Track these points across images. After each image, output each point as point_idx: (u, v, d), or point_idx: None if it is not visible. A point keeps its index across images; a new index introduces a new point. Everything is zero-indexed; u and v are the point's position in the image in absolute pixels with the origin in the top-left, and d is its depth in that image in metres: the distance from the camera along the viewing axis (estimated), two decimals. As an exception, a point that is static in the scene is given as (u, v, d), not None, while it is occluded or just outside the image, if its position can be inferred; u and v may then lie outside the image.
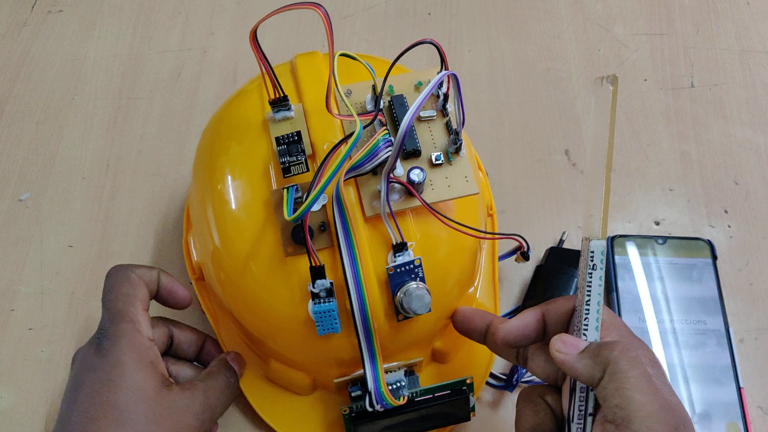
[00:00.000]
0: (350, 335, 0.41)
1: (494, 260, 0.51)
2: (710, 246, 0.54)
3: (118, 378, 0.38)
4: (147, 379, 0.38)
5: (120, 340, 0.39)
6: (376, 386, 0.41)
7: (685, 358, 0.49)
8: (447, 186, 0.41)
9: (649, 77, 0.63)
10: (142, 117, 0.61)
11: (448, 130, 0.42)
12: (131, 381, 0.38)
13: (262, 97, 0.44)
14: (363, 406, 0.42)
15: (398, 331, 0.42)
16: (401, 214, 0.41)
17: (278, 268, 0.41)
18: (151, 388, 0.38)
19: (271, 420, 0.47)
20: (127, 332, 0.39)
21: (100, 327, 0.40)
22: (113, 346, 0.39)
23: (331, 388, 0.46)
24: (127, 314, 0.40)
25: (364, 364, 0.40)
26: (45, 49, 0.64)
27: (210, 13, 0.67)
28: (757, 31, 0.66)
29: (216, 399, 0.42)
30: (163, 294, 0.43)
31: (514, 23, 0.66)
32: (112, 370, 0.38)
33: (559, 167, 0.59)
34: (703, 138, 0.60)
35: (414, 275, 0.40)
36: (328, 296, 0.39)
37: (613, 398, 0.33)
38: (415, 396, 0.43)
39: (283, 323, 0.42)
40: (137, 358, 0.39)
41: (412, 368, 0.44)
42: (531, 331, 0.39)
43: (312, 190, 0.37)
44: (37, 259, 0.54)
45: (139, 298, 0.41)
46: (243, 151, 0.43)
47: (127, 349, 0.39)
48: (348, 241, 0.39)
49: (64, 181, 0.57)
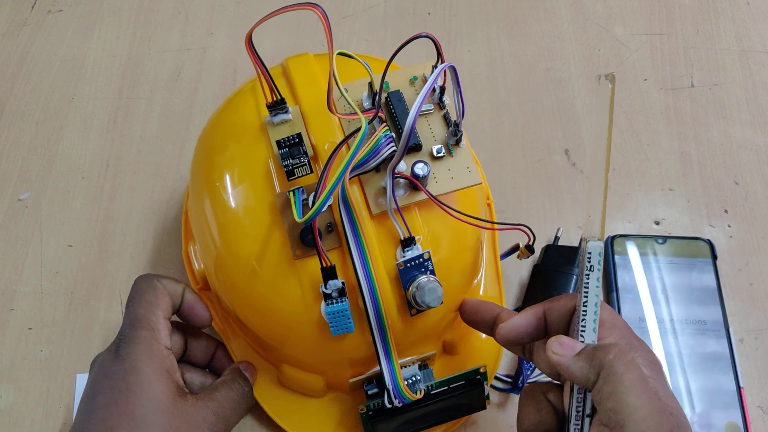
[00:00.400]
0: (364, 334, 0.41)
1: (495, 250, 0.52)
2: (710, 246, 0.54)
3: (135, 387, 0.38)
4: (164, 389, 0.38)
5: (138, 346, 0.39)
6: (394, 382, 0.41)
7: (684, 358, 0.49)
8: (450, 178, 0.42)
9: (649, 77, 0.63)
10: (142, 117, 0.61)
11: (446, 122, 0.43)
12: (148, 390, 0.38)
13: (256, 99, 0.44)
14: (380, 404, 0.43)
15: (411, 325, 0.42)
16: (407, 209, 0.41)
17: (287, 272, 0.41)
18: (167, 398, 0.38)
19: (287, 425, 0.47)
20: (145, 339, 0.39)
21: (120, 332, 0.40)
22: (130, 352, 0.39)
23: (345, 389, 0.46)
24: (147, 321, 0.40)
25: (380, 361, 0.41)
26: (45, 49, 0.64)
27: (210, 13, 0.67)
28: (757, 31, 0.66)
29: (231, 409, 0.42)
30: (185, 310, 0.43)
31: (514, 23, 0.66)
32: (129, 377, 0.38)
33: (558, 167, 0.59)
34: (703, 138, 0.60)
35: (424, 269, 0.41)
36: (340, 296, 0.39)
37: (607, 401, 0.33)
38: (431, 389, 0.44)
39: (296, 327, 0.42)
40: (154, 366, 0.39)
41: (426, 362, 0.45)
42: (532, 329, 0.39)
43: (321, 191, 0.37)
44: (37, 259, 0.54)
45: (162, 307, 0.41)
46: (242, 157, 0.43)
47: (145, 356, 0.39)
48: (357, 240, 0.39)
49: (63, 181, 0.57)
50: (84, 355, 0.50)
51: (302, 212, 0.38)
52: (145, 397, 0.37)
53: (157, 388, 0.38)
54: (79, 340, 0.51)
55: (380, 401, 0.43)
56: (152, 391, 0.38)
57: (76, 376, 0.49)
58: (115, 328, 0.51)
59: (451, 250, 0.43)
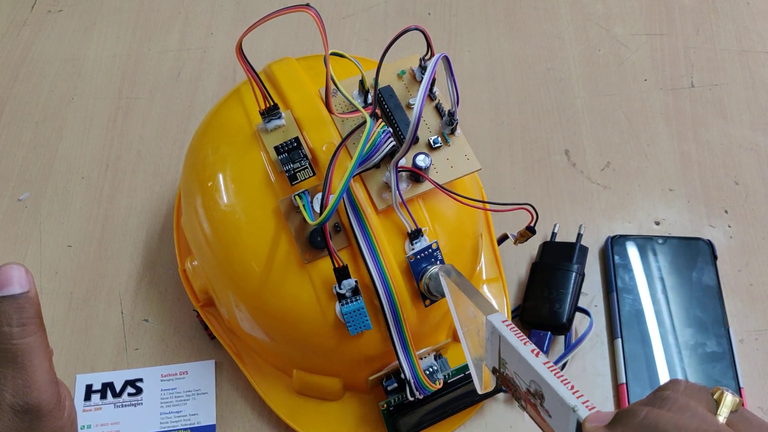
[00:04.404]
0: (380, 330, 0.42)
1: (491, 235, 0.53)
2: (710, 246, 0.54)
3: None
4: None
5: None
6: (414, 374, 0.41)
7: (684, 358, 0.49)
8: (450, 167, 0.42)
9: (649, 77, 0.63)
10: (142, 117, 0.61)
11: (439, 113, 0.43)
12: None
13: (243, 105, 0.44)
14: (401, 399, 0.43)
15: (425, 316, 0.43)
16: (411, 202, 0.42)
17: (298, 277, 0.41)
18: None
19: (310, 431, 0.47)
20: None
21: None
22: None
23: (362, 388, 0.46)
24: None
25: (398, 355, 0.41)
26: (45, 49, 0.64)
27: (209, 13, 0.67)
28: (757, 31, 0.66)
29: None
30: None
31: (514, 23, 0.66)
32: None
33: (558, 167, 0.58)
34: (703, 138, 0.60)
35: (434, 259, 0.41)
36: (354, 295, 0.40)
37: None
38: (448, 378, 0.45)
39: (314, 330, 0.42)
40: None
41: (440, 351, 0.45)
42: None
43: (329, 192, 0.37)
44: (36, 259, 0.54)
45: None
46: (238, 168, 0.43)
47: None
48: (366, 237, 0.40)
49: (63, 181, 0.57)
50: (84, 355, 0.50)
51: (313, 215, 0.39)
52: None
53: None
54: (78, 340, 0.51)
55: (400, 396, 0.43)
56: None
57: (75, 376, 0.49)
58: (114, 328, 0.51)
59: (455, 238, 0.44)
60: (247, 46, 0.38)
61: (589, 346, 0.51)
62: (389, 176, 0.40)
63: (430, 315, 0.43)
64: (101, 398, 0.49)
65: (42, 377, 0.32)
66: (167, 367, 0.50)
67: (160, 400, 0.49)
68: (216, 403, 0.48)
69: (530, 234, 0.47)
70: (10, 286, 0.31)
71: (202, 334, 0.51)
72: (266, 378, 0.48)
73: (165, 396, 0.49)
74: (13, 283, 0.31)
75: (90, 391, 0.49)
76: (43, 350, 0.32)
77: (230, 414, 0.49)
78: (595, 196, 0.57)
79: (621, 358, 0.49)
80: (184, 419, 0.48)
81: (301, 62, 0.46)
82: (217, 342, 0.49)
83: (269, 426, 0.48)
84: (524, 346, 0.31)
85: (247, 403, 0.49)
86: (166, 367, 0.50)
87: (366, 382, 0.45)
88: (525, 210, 0.44)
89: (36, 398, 0.31)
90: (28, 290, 0.32)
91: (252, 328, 0.45)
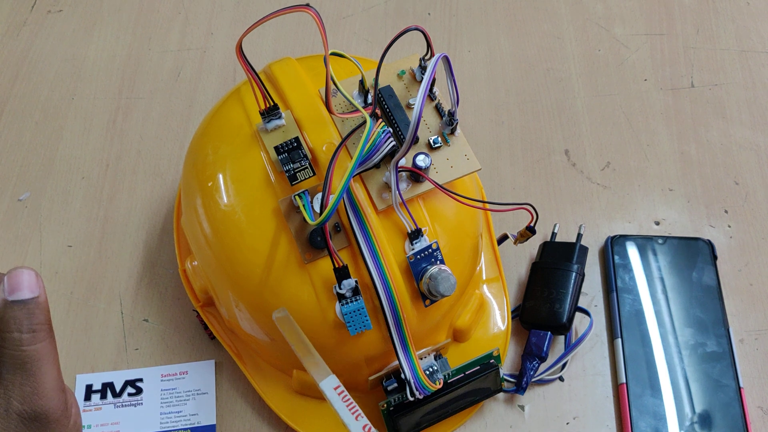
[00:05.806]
0: (380, 330, 0.42)
1: (491, 234, 0.53)
2: (710, 246, 0.54)
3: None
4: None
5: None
6: (414, 374, 0.41)
7: (684, 358, 0.49)
8: (450, 167, 0.42)
9: (649, 77, 0.63)
10: (142, 117, 0.61)
11: (439, 113, 0.43)
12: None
13: (243, 105, 0.44)
14: (401, 399, 0.43)
15: (425, 316, 0.43)
16: (411, 202, 0.42)
17: (298, 277, 0.41)
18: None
19: (309, 431, 0.47)
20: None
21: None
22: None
23: (362, 388, 0.46)
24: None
25: (398, 355, 0.41)
26: (45, 49, 0.64)
27: (210, 13, 0.67)
28: (757, 31, 0.66)
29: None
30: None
31: (514, 23, 0.66)
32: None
33: (558, 167, 0.58)
34: (703, 138, 0.60)
35: (434, 259, 0.41)
36: (354, 295, 0.40)
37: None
38: (448, 378, 0.45)
39: (314, 330, 0.42)
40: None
41: (440, 351, 0.45)
42: None
43: (330, 192, 0.37)
44: (36, 259, 0.54)
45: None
46: (238, 169, 0.43)
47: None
48: (366, 237, 0.40)
49: (63, 181, 0.57)
50: (84, 355, 0.50)
51: (313, 214, 0.39)
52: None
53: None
54: (78, 340, 0.51)
55: (400, 396, 0.43)
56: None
57: (75, 376, 0.49)
58: (114, 328, 0.51)
59: (455, 238, 0.44)
60: (247, 46, 0.38)
61: (589, 346, 0.51)
62: (389, 176, 0.40)
63: (430, 315, 0.43)
64: (101, 398, 0.49)
65: (50, 384, 0.31)
66: (167, 367, 0.50)
67: (160, 400, 0.49)
68: (216, 403, 0.48)
69: (530, 234, 0.47)
70: (20, 291, 0.31)
71: (202, 334, 0.51)
72: (266, 378, 0.48)
73: (165, 396, 0.49)
74: (23, 288, 0.31)
75: (90, 391, 0.49)
76: (52, 357, 0.32)
77: (230, 414, 0.49)
78: (595, 196, 0.57)
79: (621, 358, 0.49)
80: (184, 419, 0.48)
81: (301, 62, 0.46)
82: (217, 342, 0.50)
83: (269, 426, 0.48)
84: (355, 421, 0.31)
85: (247, 403, 0.49)
86: (166, 367, 0.50)
87: (366, 382, 0.45)
88: (525, 210, 0.44)
89: (44, 406, 0.31)
90: (39, 295, 0.31)
91: (252, 328, 0.45)
